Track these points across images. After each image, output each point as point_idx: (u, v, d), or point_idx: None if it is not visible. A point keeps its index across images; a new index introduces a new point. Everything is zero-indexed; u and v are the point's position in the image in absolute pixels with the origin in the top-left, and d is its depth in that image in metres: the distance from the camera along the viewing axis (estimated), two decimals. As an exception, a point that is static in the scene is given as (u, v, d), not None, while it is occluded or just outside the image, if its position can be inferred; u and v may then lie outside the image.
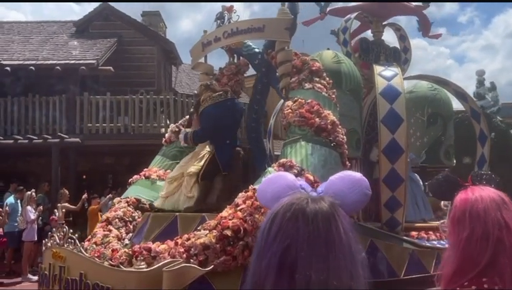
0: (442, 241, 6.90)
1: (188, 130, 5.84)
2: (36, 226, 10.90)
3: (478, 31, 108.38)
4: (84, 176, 15.53)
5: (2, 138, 13.49)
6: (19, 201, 11.03)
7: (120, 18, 17.70)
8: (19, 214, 10.69)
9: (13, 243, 10.83)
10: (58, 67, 14.10)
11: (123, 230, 5.40)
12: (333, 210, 1.14)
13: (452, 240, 1.56)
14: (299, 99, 5.23)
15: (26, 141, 13.38)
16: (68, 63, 14.52)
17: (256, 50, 6.33)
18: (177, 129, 6.31)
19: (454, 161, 8.82)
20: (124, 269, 4.02)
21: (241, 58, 6.52)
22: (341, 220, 1.13)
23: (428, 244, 6.57)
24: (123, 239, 5.29)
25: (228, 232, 4.28)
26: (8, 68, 14.35)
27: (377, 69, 6.85)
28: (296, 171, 4.73)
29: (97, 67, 14.52)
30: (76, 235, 4.47)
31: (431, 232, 6.81)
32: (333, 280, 1.05)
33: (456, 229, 1.55)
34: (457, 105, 9.28)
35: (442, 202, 8.69)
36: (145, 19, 19.87)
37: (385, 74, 6.69)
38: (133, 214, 5.63)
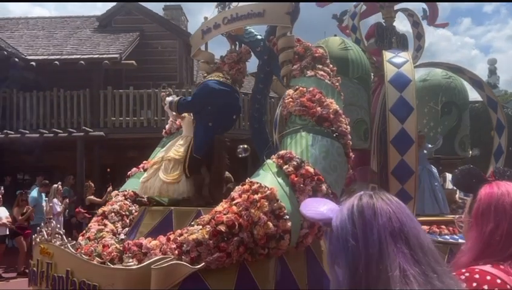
0: (455, 236, 6.60)
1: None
2: (62, 218, 11.07)
3: (504, 20, 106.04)
4: (108, 169, 15.81)
5: (28, 131, 13.73)
6: (43, 195, 11.10)
7: (142, 12, 17.96)
8: (44, 207, 10.73)
9: None
10: (82, 62, 14.44)
11: (119, 224, 5.22)
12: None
13: (474, 233, 1.55)
14: (301, 88, 4.96)
15: (52, 134, 13.66)
16: (91, 57, 14.84)
17: (259, 37, 6.06)
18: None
19: (470, 152, 8.46)
20: (112, 266, 3.84)
21: (242, 45, 6.26)
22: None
23: (440, 239, 6.27)
24: (119, 234, 5.12)
25: (222, 228, 4.06)
26: (33, 63, 14.63)
27: (387, 55, 6.54)
28: (295, 163, 4.49)
29: (119, 61, 14.78)
30: None
31: (443, 227, 6.51)
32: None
33: (480, 222, 1.54)
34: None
35: (457, 195, 8.37)
36: (167, 13, 20.09)
37: (394, 61, 6.38)
38: (130, 208, 5.45)
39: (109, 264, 3.85)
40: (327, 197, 4.45)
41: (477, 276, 1.42)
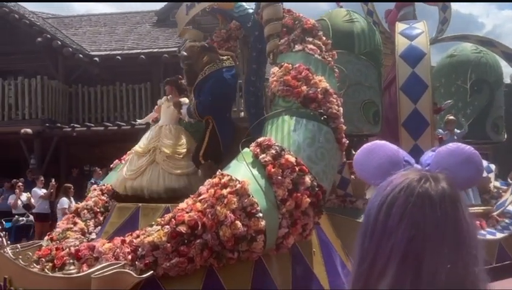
0: (482, 232, 5.81)
1: (186, 101, 5.01)
2: None
3: None
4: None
5: (93, 125, 14.23)
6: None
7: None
8: None
9: None
10: (142, 56, 14.79)
11: (91, 223, 4.73)
12: (455, 191, 0.99)
13: None
14: (286, 64, 4.30)
15: (116, 127, 13.91)
16: (151, 51, 15.22)
17: (250, 10, 5.39)
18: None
19: (505, 136, 7.53)
20: (51, 274, 3.34)
21: (233, 21, 5.62)
22: (464, 203, 0.99)
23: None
24: (90, 233, 4.63)
25: (182, 228, 3.49)
26: (96, 59, 15.06)
27: (399, 27, 5.75)
28: (274, 151, 3.85)
29: (178, 54, 14.81)
30: None
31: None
32: (461, 267, 0.93)
33: None
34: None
35: (492, 184, 7.46)
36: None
37: (407, 33, 5.59)
38: (106, 204, 4.95)
39: (47, 271, 3.34)
40: (312, 190, 3.79)
41: None
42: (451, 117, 7.22)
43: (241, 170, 3.81)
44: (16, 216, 10.86)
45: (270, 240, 3.65)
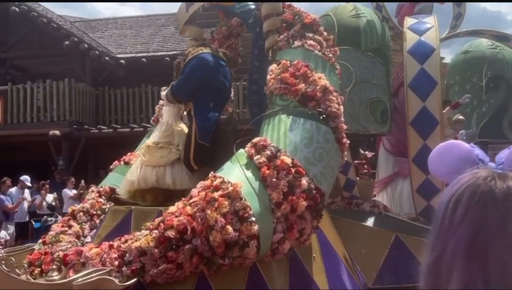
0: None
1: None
2: None
3: None
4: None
5: (119, 126, 14.58)
6: None
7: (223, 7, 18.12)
8: None
9: None
10: (167, 58, 14.81)
11: (87, 225, 4.62)
12: None
13: None
14: (284, 61, 4.11)
15: (141, 128, 14.02)
16: (176, 53, 15.37)
17: (252, 6, 5.21)
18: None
19: (523, 134, 7.21)
20: (32, 280, 3.22)
21: (234, 18, 5.45)
22: None
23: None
24: (85, 236, 4.52)
25: (171, 233, 3.34)
26: (122, 61, 15.48)
27: (408, 21, 5.51)
28: (269, 152, 3.67)
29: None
30: None
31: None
32: None
33: None
34: None
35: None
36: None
37: (416, 27, 5.34)
38: (103, 206, 4.83)
39: (29, 278, 3.22)
40: (308, 193, 3.60)
41: None
42: (460, 117, 6.94)
43: (235, 172, 3.64)
44: (45, 216, 11.04)
45: (264, 246, 3.47)
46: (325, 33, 4.34)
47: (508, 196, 0.99)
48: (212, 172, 3.71)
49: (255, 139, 3.81)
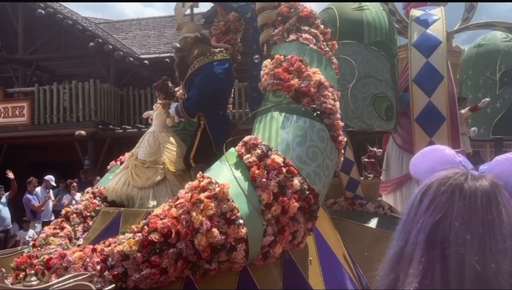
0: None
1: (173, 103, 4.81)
2: None
3: None
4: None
5: (144, 126, 14.52)
6: None
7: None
8: None
9: None
10: None
11: (80, 227, 4.51)
12: (496, 190, 1.01)
13: None
14: (277, 56, 3.94)
15: None
16: None
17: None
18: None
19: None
20: (10, 286, 3.10)
21: (232, 13, 5.29)
22: (503, 201, 1.00)
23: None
24: (77, 239, 4.40)
25: (155, 237, 3.19)
26: (146, 62, 15.52)
27: (414, 13, 5.27)
28: (260, 151, 3.49)
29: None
30: None
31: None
32: (490, 263, 0.93)
33: None
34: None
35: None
36: None
37: (422, 19, 5.11)
38: (97, 208, 4.71)
39: (6, 282, 3.11)
40: (301, 194, 3.42)
41: None
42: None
43: (223, 172, 3.47)
44: None
45: (253, 249, 3.30)
46: (322, 26, 4.15)
47: (476, 194, 0.99)
48: (201, 172, 3.55)
49: (246, 138, 3.65)
